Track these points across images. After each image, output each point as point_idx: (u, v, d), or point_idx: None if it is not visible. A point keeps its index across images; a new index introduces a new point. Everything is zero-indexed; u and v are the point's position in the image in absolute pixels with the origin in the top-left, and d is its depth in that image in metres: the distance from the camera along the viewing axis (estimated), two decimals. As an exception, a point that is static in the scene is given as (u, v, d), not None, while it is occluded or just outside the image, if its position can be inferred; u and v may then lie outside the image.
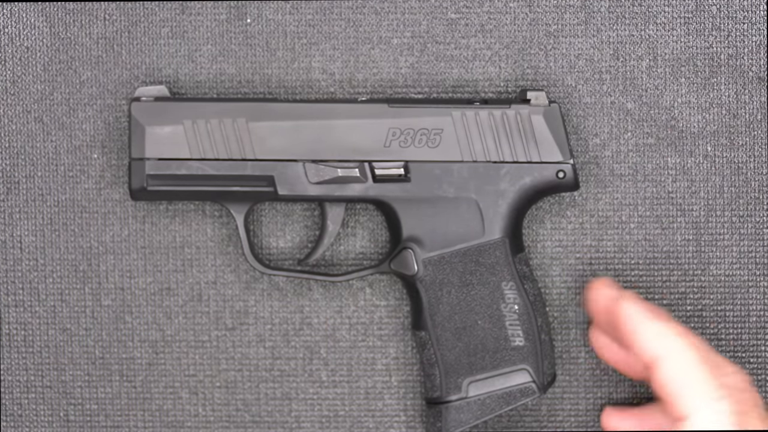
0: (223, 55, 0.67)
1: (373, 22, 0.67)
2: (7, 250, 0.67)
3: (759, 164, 0.67)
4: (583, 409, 0.68)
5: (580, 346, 0.68)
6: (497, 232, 0.63)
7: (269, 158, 0.63)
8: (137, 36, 0.67)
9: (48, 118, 0.67)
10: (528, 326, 0.63)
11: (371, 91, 0.67)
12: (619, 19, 0.67)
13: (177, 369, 0.68)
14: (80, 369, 0.68)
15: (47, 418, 0.68)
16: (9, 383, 0.68)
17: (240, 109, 0.63)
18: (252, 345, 0.68)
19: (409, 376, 0.68)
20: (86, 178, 0.67)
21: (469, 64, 0.67)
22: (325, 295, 0.68)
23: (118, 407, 0.68)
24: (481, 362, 0.63)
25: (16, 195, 0.67)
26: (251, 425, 0.68)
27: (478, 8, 0.67)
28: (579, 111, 0.67)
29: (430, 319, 0.63)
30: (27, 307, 0.67)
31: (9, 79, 0.67)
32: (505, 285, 0.63)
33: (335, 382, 0.68)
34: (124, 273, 0.67)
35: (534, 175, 0.63)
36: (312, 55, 0.67)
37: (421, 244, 0.63)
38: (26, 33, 0.67)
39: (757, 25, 0.67)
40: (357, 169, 0.63)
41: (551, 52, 0.67)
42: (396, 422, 0.68)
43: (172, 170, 0.63)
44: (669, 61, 0.67)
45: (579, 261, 0.67)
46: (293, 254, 0.67)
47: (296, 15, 0.67)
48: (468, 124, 0.63)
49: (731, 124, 0.67)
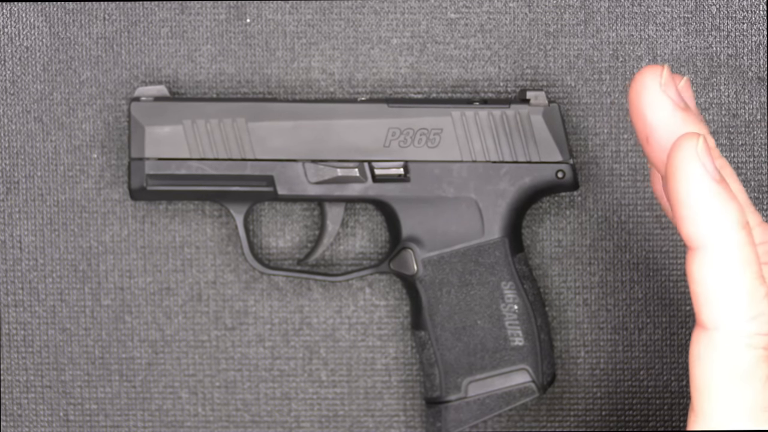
0: (222, 55, 0.67)
1: (373, 22, 0.67)
2: (7, 250, 0.67)
3: (759, 164, 0.67)
4: (583, 409, 0.68)
5: (579, 346, 0.68)
6: (497, 232, 0.63)
7: (269, 158, 0.63)
8: (137, 36, 0.67)
9: (48, 117, 0.67)
10: (527, 326, 0.63)
11: (371, 90, 0.67)
12: (619, 19, 0.67)
13: (177, 369, 0.68)
14: (80, 369, 0.68)
15: (47, 418, 0.68)
16: (9, 383, 0.68)
17: (240, 109, 0.63)
18: (252, 345, 0.68)
19: (409, 376, 0.68)
20: (86, 178, 0.67)
21: (468, 64, 0.67)
22: (325, 295, 0.68)
23: (117, 407, 0.68)
24: (481, 362, 0.63)
25: (16, 195, 0.67)
26: (251, 425, 0.68)
27: (477, 8, 0.67)
28: (579, 111, 0.67)
29: (430, 319, 0.63)
30: (27, 307, 0.67)
31: (9, 79, 0.67)
32: (505, 285, 0.63)
33: (335, 382, 0.68)
34: (123, 273, 0.67)
35: (533, 175, 0.63)
36: (312, 55, 0.67)
37: (421, 244, 0.63)
38: (26, 33, 0.67)
39: (757, 25, 0.67)
40: (356, 169, 0.63)
41: (551, 52, 0.67)
42: (395, 422, 0.68)
43: (172, 170, 0.63)
44: (669, 61, 0.67)
45: (579, 261, 0.67)
46: (293, 254, 0.68)
47: (296, 15, 0.67)
48: (467, 124, 0.63)
49: (731, 124, 0.67)
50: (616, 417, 0.68)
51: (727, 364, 0.47)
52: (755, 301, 0.47)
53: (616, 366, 0.68)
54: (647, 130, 0.49)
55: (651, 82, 0.48)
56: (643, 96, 0.49)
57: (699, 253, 0.47)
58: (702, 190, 0.46)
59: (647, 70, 0.49)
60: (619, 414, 0.68)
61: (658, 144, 0.49)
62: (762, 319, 0.47)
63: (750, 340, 0.47)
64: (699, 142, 0.46)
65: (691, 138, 0.46)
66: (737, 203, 0.47)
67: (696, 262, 0.47)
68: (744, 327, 0.47)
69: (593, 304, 0.68)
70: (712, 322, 0.47)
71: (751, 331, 0.47)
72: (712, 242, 0.46)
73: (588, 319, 0.67)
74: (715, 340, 0.47)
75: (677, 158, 0.46)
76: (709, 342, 0.47)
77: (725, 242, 0.46)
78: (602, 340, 0.68)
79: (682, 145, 0.46)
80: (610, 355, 0.68)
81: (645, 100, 0.48)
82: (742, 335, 0.47)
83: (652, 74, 0.48)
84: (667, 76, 0.48)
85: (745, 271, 0.47)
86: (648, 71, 0.49)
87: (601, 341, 0.68)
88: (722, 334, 0.47)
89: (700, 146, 0.46)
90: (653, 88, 0.48)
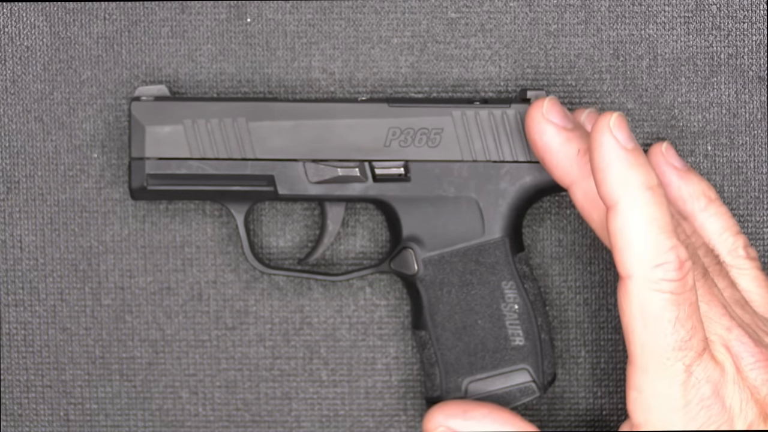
0: (223, 55, 0.67)
1: (373, 21, 0.67)
2: (7, 249, 0.67)
3: (759, 164, 0.67)
4: (583, 409, 0.68)
5: (580, 346, 0.68)
6: (497, 232, 0.63)
7: (269, 158, 0.63)
8: (137, 35, 0.67)
9: (48, 117, 0.67)
10: (528, 326, 0.63)
11: (371, 90, 0.67)
12: (619, 19, 0.67)
13: (177, 368, 0.68)
14: (80, 368, 0.68)
15: (47, 417, 0.68)
16: (9, 383, 0.68)
17: (240, 108, 0.63)
18: (252, 344, 0.68)
19: (409, 375, 0.68)
20: (86, 177, 0.67)
21: (469, 64, 0.67)
22: (325, 295, 0.68)
23: (118, 407, 0.68)
24: (481, 362, 0.63)
25: (16, 194, 0.67)
26: (251, 425, 0.68)
27: (478, 8, 0.67)
28: (579, 110, 0.67)
29: (430, 319, 0.63)
30: (27, 306, 0.67)
31: (9, 78, 0.67)
32: (505, 284, 0.63)
33: (335, 382, 0.68)
34: (124, 272, 0.67)
35: (534, 175, 0.63)
36: (312, 54, 0.67)
37: (421, 243, 0.63)
38: (26, 32, 0.67)
39: (757, 25, 0.67)
40: (357, 168, 0.63)
41: (551, 51, 0.67)
42: (396, 422, 0.68)
43: (172, 170, 0.63)
44: (669, 60, 0.67)
45: (579, 261, 0.67)
46: (293, 254, 0.68)
47: (296, 14, 0.67)
48: (468, 124, 0.63)
49: (731, 124, 0.67)
50: (616, 417, 0.68)
51: (639, 308, 0.55)
52: (660, 252, 0.54)
53: (616, 366, 0.68)
54: (540, 151, 0.60)
55: (536, 113, 0.59)
56: (531, 125, 0.59)
57: (612, 210, 0.55)
58: (612, 156, 0.55)
59: (533, 105, 0.60)
60: (619, 414, 0.68)
61: (551, 161, 0.59)
62: (667, 266, 0.54)
63: (656, 285, 0.55)
64: (612, 117, 0.55)
65: (606, 115, 0.55)
66: (646, 169, 0.55)
67: (610, 218, 0.55)
68: (650, 274, 0.55)
69: (594, 304, 0.68)
70: (625, 271, 0.55)
71: (656, 277, 0.54)
72: (621, 200, 0.55)
73: (589, 319, 0.67)
74: (629, 287, 0.55)
75: (594, 132, 0.55)
76: (625, 290, 0.55)
77: (631, 200, 0.55)
78: (603, 340, 0.68)
79: (598, 122, 0.55)
80: (610, 355, 0.68)
81: (534, 129, 0.59)
82: (648, 281, 0.55)
83: (537, 107, 0.59)
84: (548, 106, 0.59)
85: (650, 224, 0.54)
86: (534, 105, 0.59)
87: (601, 341, 0.68)
88: (633, 281, 0.55)
89: (613, 121, 0.55)
90: (538, 118, 0.59)
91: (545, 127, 0.59)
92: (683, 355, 0.55)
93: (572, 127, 0.59)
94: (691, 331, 0.55)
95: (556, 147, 0.59)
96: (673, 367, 0.56)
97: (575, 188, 0.59)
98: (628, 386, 0.57)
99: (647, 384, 0.56)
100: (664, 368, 0.56)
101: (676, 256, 0.55)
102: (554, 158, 0.59)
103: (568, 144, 0.59)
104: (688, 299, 0.55)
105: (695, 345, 0.56)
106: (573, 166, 0.59)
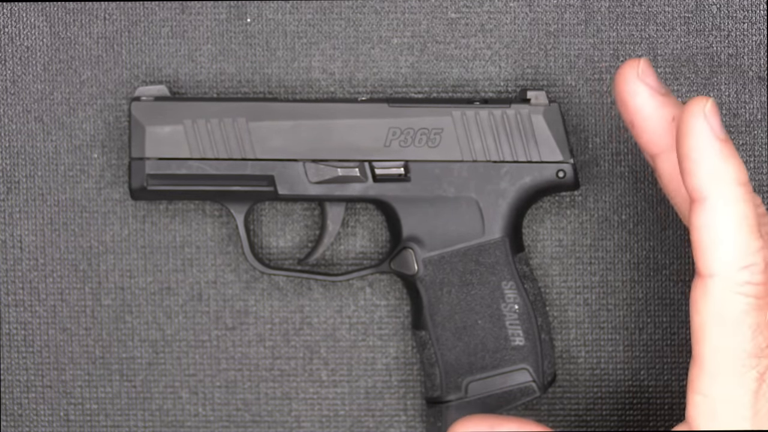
0: (223, 55, 0.67)
1: (373, 21, 0.67)
2: (7, 249, 0.67)
3: (759, 164, 0.67)
4: (583, 409, 0.68)
5: (580, 346, 0.68)
6: (497, 232, 0.63)
7: (269, 158, 0.63)
8: (137, 36, 0.67)
9: (48, 117, 0.67)
10: (528, 326, 0.63)
11: (371, 90, 0.67)
12: (619, 19, 0.67)
13: (177, 369, 0.68)
14: (80, 369, 0.68)
15: (47, 417, 0.68)
16: (9, 383, 0.68)
17: (240, 108, 0.63)
18: (252, 345, 0.68)
19: (409, 375, 0.68)
20: (86, 177, 0.67)
21: (469, 64, 0.67)
22: (325, 295, 0.68)
23: (118, 407, 0.68)
24: (482, 362, 0.63)
25: (16, 194, 0.67)
26: (251, 425, 0.68)
27: (478, 8, 0.67)
28: (579, 111, 0.67)
29: (431, 319, 0.63)
30: (27, 306, 0.67)
31: (9, 78, 0.67)
32: (505, 284, 0.63)
33: (335, 382, 0.68)
34: (124, 272, 0.67)
35: (534, 175, 0.63)
36: (312, 54, 0.67)
37: (422, 243, 0.63)
38: (26, 33, 0.67)
39: (757, 25, 0.67)
40: (357, 168, 0.63)
41: (551, 51, 0.67)
42: (396, 422, 0.68)
43: (172, 170, 0.63)
44: (669, 60, 0.67)
45: (579, 261, 0.67)
46: (293, 254, 0.68)
47: (296, 15, 0.67)
48: (468, 124, 0.63)
49: (731, 124, 0.67)
50: (616, 417, 0.68)
51: (719, 310, 0.51)
52: (747, 253, 0.51)
53: (616, 366, 0.68)
54: (631, 115, 0.55)
55: (630, 73, 0.54)
56: (624, 85, 0.54)
57: (699, 204, 0.51)
58: (705, 145, 0.51)
59: (627, 64, 0.54)
60: (619, 414, 0.68)
61: (641, 127, 0.55)
62: (753, 269, 0.51)
63: (741, 288, 0.51)
64: (708, 103, 0.51)
65: (701, 99, 0.51)
66: (739, 162, 0.51)
67: (696, 212, 0.51)
68: (735, 275, 0.51)
69: (594, 304, 0.68)
70: (707, 270, 0.51)
71: (741, 280, 0.51)
72: (711, 194, 0.51)
73: (588, 319, 0.67)
74: (709, 287, 0.51)
75: (686, 116, 0.51)
76: (705, 289, 0.51)
77: (723, 195, 0.51)
78: (603, 340, 0.68)
79: (691, 105, 0.51)
80: (610, 355, 0.68)
81: (626, 89, 0.54)
82: (733, 282, 0.51)
83: (631, 66, 0.54)
84: (644, 66, 0.54)
85: (740, 223, 0.51)
86: (627, 64, 0.54)
87: (601, 341, 0.68)
88: (715, 281, 0.51)
89: (708, 107, 0.51)
90: (632, 78, 0.54)
91: (639, 88, 0.54)
92: (758, 363, 0.52)
93: (665, 92, 0.55)
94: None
95: (648, 111, 0.54)
96: (747, 375, 0.52)
97: (663, 158, 0.55)
98: (691, 389, 0.53)
99: (716, 389, 0.52)
100: (737, 375, 0.52)
101: (762, 259, 0.51)
102: (645, 123, 0.55)
103: (662, 109, 0.54)
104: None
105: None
106: (665, 134, 0.55)
